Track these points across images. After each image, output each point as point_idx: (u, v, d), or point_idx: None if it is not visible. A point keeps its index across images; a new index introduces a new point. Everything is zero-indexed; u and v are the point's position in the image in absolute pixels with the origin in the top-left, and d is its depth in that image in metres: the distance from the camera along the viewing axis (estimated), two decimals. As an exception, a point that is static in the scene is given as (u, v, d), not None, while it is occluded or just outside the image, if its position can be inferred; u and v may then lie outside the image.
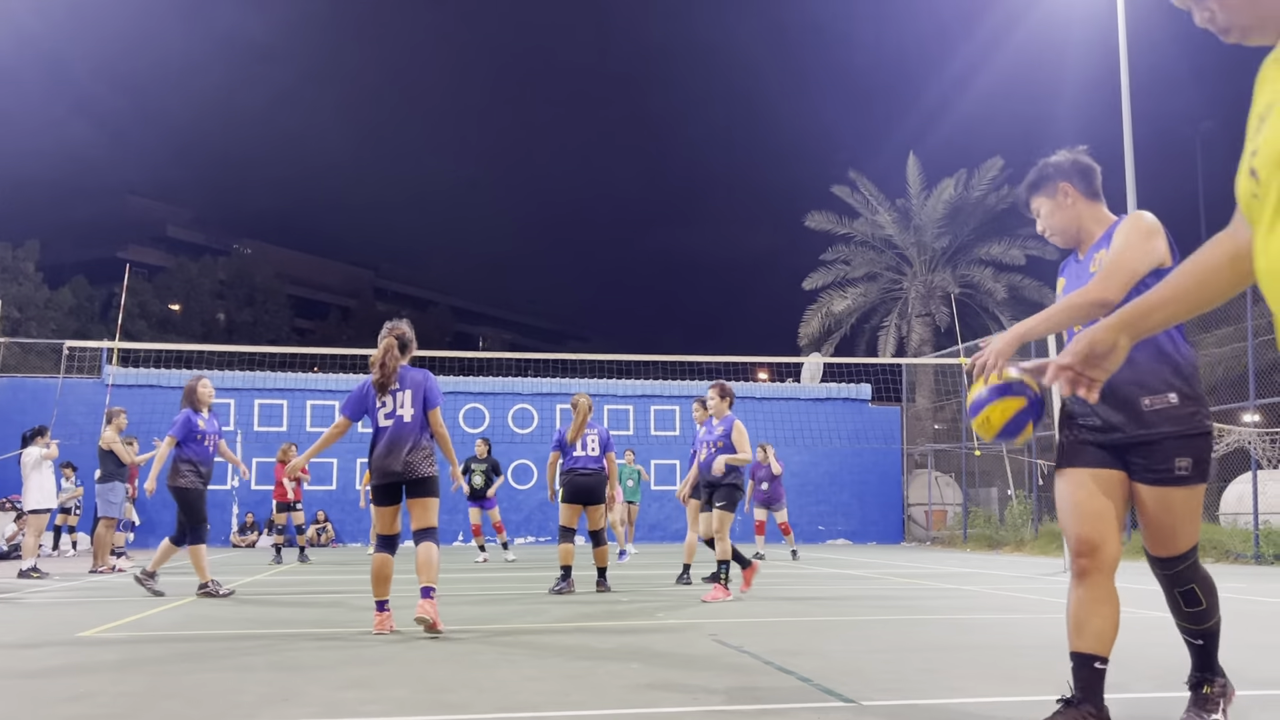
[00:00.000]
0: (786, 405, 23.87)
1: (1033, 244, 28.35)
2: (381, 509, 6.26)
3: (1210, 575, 3.31)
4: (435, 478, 6.25)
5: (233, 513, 21.23)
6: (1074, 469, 3.26)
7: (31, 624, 6.70)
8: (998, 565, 14.51)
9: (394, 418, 6.19)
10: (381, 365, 6.18)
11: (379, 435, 6.24)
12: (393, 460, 6.12)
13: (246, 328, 47.90)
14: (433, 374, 6.43)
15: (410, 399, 6.22)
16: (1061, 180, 3.48)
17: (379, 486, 6.21)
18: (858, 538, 23.77)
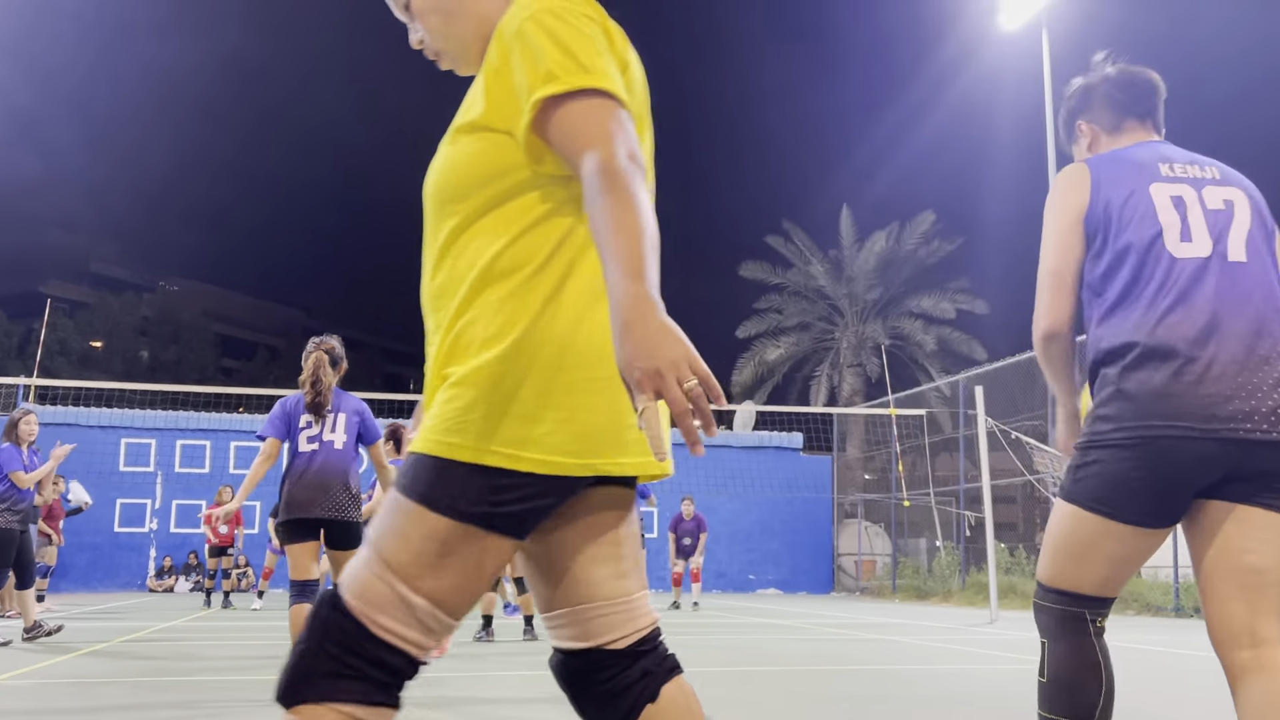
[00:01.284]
0: (718, 453, 23.88)
1: (962, 298, 28.93)
2: (298, 548, 5.43)
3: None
4: (362, 525, 5.53)
5: (150, 556, 20.60)
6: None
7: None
8: (926, 616, 14.58)
9: (319, 442, 5.50)
10: (314, 383, 5.55)
11: (298, 461, 5.50)
12: (317, 494, 5.39)
13: (171, 366, 46.86)
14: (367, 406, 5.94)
15: (344, 425, 5.58)
16: (1077, 119, 2.67)
17: (294, 521, 5.41)
18: (788, 587, 23.76)
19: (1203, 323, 2.17)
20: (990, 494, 13.48)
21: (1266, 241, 2.30)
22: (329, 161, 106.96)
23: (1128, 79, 2.56)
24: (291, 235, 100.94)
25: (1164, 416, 2.13)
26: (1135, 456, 2.16)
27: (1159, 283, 2.21)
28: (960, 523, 20.04)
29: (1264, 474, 2.14)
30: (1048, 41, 19.68)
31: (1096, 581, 2.28)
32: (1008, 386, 20.24)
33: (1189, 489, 2.17)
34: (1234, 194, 2.31)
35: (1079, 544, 2.28)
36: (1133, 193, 2.31)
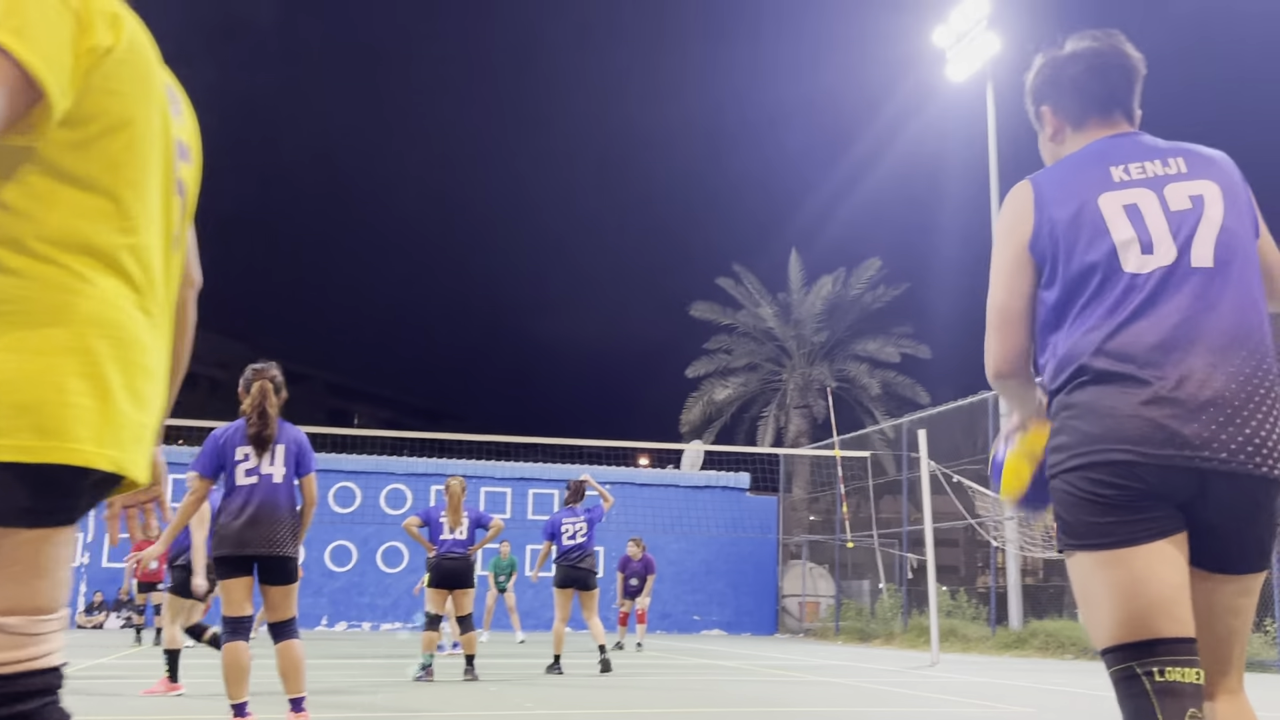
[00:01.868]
0: (666, 492, 23.87)
1: (906, 343, 29.31)
2: (233, 583, 5.21)
3: None
4: (297, 560, 5.33)
5: (79, 592, 20.06)
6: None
7: None
8: (868, 658, 14.61)
9: (258, 475, 5.27)
10: (260, 414, 5.32)
11: (235, 495, 5.26)
12: (256, 529, 5.17)
13: (109, 396, 45.91)
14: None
15: (283, 457, 5.34)
16: (1042, 104, 2.39)
17: (229, 557, 5.19)
18: (732, 628, 23.71)
19: (1160, 338, 1.96)
20: (932, 537, 13.60)
21: (1244, 237, 2.07)
22: (274, 190, 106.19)
23: (1101, 65, 2.28)
24: (236, 265, 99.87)
25: (1116, 440, 1.94)
26: (1078, 477, 1.97)
27: (1113, 302, 2.01)
28: (903, 565, 20.17)
29: (1223, 523, 1.95)
30: (992, 93, 20.16)
31: (1123, 621, 1.93)
32: (950, 431, 20.49)
33: (1160, 504, 1.93)
34: (1202, 187, 2.08)
35: (1086, 590, 2.02)
36: (1080, 208, 2.10)
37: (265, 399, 5.36)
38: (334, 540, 21.45)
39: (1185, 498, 1.93)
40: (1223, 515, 1.95)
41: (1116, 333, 1.99)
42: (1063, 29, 2.38)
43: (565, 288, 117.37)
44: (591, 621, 10.11)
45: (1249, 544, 1.98)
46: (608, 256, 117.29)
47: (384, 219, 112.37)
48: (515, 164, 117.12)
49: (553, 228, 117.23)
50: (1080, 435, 1.99)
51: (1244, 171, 2.21)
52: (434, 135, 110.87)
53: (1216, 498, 1.92)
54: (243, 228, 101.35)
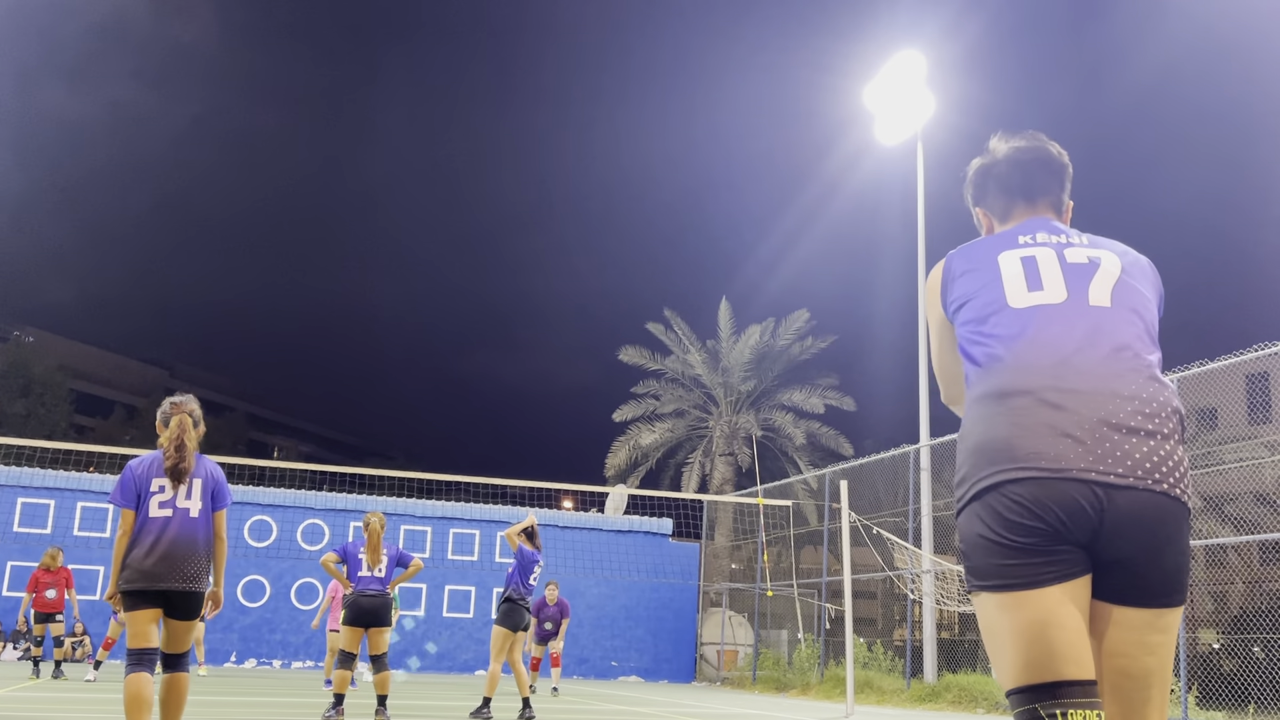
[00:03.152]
0: (589, 535, 23.75)
1: (831, 394, 29.68)
2: (141, 615, 5.14)
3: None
4: (204, 595, 5.30)
5: (-24, 621, 19.28)
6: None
7: None
8: (783, 709, 14.63)
9: (173, 508, 5.22)
10: (179, 447, 5.28)
11: (148, 528, 5.18)
12: (169, 564, 5.11)
13: (18, 420, 44.42)
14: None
15: (199, 490, 5.31)
16: (976, 206, 2.56)
17: (141, 591, 5.12)
18: (650, 675, 23.57)
19: (1050, 361, 2.02)
20: (851, 588, 13.73)
21: (1141, 300, 2.15)
22: (199, 218, 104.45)
23: (1018, 160, 2.41)
24: (156, 292, 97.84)
25: (1003, 461, 1.96)
26: (981, 509, 1.97)
27: (1002, 335, 2.11)
28: (821, 615, 20.29)
29: (1131, 558, 1.93)
30: (922, 154, 20.69)
31: (1023, 665, 1.94)
32: (872, 483, 20.77)
33: (1061, 535, 1.92)
34: (1103, 254, 2.20)
35: (988, 633, 2.02)
36: (979, 266, 2.24)
37: (184, 432, 5.34)
38: (247, 574, 20.93)
39: (1085, 530, 1.92)
40: (1129, 544, 1.93)
41: (1003, 361, 2.08)
42: (995, 92, 2.51)
43: (494, 328, 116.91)
44: (520, 664, 9.95)
45: (1155, 574, 1.96)
46: (537, 298, 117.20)
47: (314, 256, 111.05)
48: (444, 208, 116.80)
49: (482, 270, 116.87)
50: (970, 466, 2.05)
51: (1160, 240, 2.30)
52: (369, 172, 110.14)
53: (1119, 519, 1.91)
54: (163, 253, 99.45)
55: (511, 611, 9.67)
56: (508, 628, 9.63)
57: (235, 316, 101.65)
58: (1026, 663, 1.93)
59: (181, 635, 5.22)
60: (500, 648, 9.64)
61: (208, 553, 5.30)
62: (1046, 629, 1.92)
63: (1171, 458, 1.96)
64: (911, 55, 20.69)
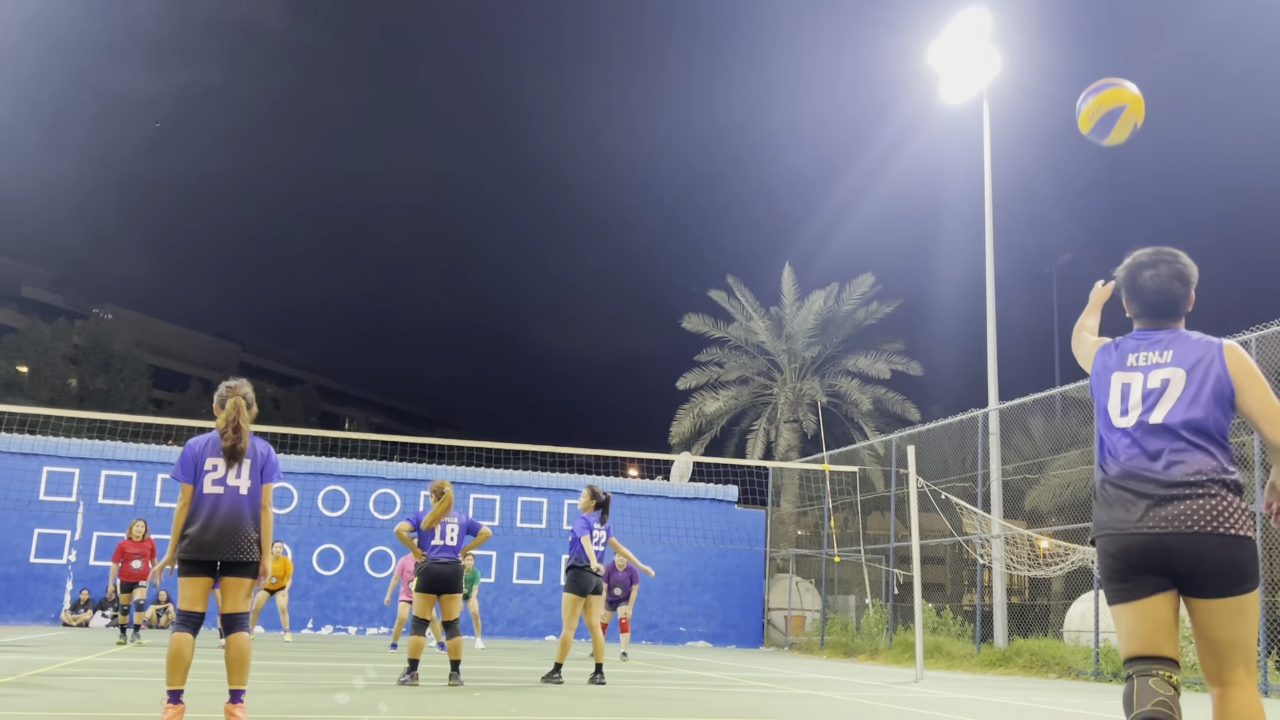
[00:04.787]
0: (654, 503, 23.90)
1: (898, 359, 29.41)
2: (193, 580, 5.54)
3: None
4: (258, 562, 5.63)
5: (66, 589, 20.01)
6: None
7: None
8: (852, 673, 14.65)
9: (224, 485, 5.57)
10: (236, 429, 5.62)
11: (202, 503, 5.55)
12: (220, 537, 5.49)
13: (100, 395, 45.80)
14: (275, 450, 5.92)
15: (249, 469, 5.65)
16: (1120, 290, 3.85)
17: (194, 560, 5.51)
18: (718, 640, 23.72)
19: (1119, 470, 3.42)
20: (919, 553, 13.66)
21: (1209, 399, 3.36)
22: (273, 196, 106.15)
23: (1137, 289, 3.59)
24: (231, 268, 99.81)
25: (1107, 525, 3.38)
26: (1100, 551, 3.40)
27: (1108, 443, 3.51)
28: (889, 581, 20.22)
29: (1192, 571, 3.22)
30: (989, 114, 20.30)
31: (1124, 645, 3.37)
32: (940, 448, 20.58)
33: (1139, 569, 3.29)
34: (1173, 374, 3.43)
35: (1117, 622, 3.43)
36: (1102, 380, 3.60)
37: (239, 414, 5.68)
38: (322, 543, 21.43)
39: (1160, 563, 3.27)
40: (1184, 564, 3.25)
41: (1108, 462, 3.48)
42: (1063, 50, 2.68)
43: (559, 298, 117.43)
44: (599, 629, 10.06)
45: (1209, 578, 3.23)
46: (602, 267, 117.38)
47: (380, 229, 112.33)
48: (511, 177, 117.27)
49: (548, 238, 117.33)
50: (1096, 520, 3.47)
51: (1231, 189, 2.59)
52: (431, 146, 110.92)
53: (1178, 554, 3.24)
54: (236, 236, 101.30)
55: (577, 577, 9.76)
56: (575, 593, 9.72)
57: (306, 291, 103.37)
58: (1125, 644, 3.36)
59: (237, 595, 5.58)
60: (571, 613, 9.74)
61: (256, 526, 5.64)
62: (1141, 627, 3.32)
63: (1204, 508, 3.24)
64: (977, 12, 20.25)
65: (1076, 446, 19.85)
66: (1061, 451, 20.59)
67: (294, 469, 21.60)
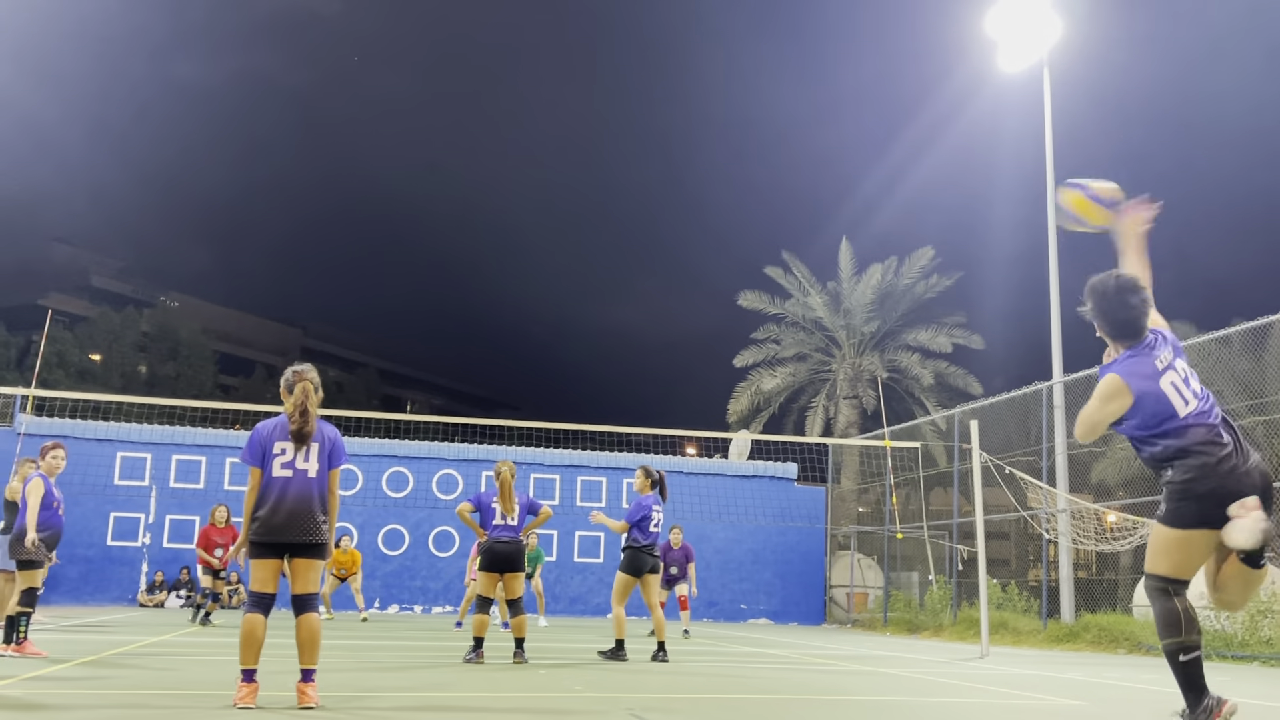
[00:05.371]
0: (713, 481, 23.92)
1: (959, 332, 29.05)
2: (264, 564, 5.63)
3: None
4: (328, 544, 5.75)
5: (141, 570, 20.56)
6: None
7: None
8: (916, 649, 14.57)
9: (293, 469, 5.64)
10: (304, 413, 5.67)
11: (271, 487, 5.63)
12: (290, 519, 5.58)
13: (168, 381, 46.88)
14: (341, 434, 5.98)
15: (316, 453, 5.71)
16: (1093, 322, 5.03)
17: (264, 543, 5.61)
18: (779, 617, 23.72)
19: (1204, 442, 4.60)
20: (983, 529, 13.52)
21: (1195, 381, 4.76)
22: (334, 182, 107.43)
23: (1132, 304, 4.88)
24: (291, 255, 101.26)
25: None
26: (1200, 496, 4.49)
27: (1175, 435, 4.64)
28: (953, 557, 20.05)
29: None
30: (1049, 81, 19.88)
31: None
32: (1003, 422, 20.31)
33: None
34: (1184, 366, 4.74)
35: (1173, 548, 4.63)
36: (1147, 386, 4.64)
37: (306, 399, 5.72)
38: (387, 524, 21.77)
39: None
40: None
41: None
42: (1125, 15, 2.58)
43: (615, 278, 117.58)
44: (659, 608, 10.16)
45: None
46: (657, 246, 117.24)
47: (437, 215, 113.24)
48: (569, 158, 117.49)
49: (604, 219, 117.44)
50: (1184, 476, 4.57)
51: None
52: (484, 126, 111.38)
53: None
54: (301, 220, 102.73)
55: (634, 557, 9.83)
56: (630, 573, 9.82)
57: (365, 276, 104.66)
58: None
59: (307, 576, 5.67)
60: (621, 593, 9.87)
61: (324, 509, 5.72)
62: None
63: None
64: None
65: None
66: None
67: (358, 451, 21.93)
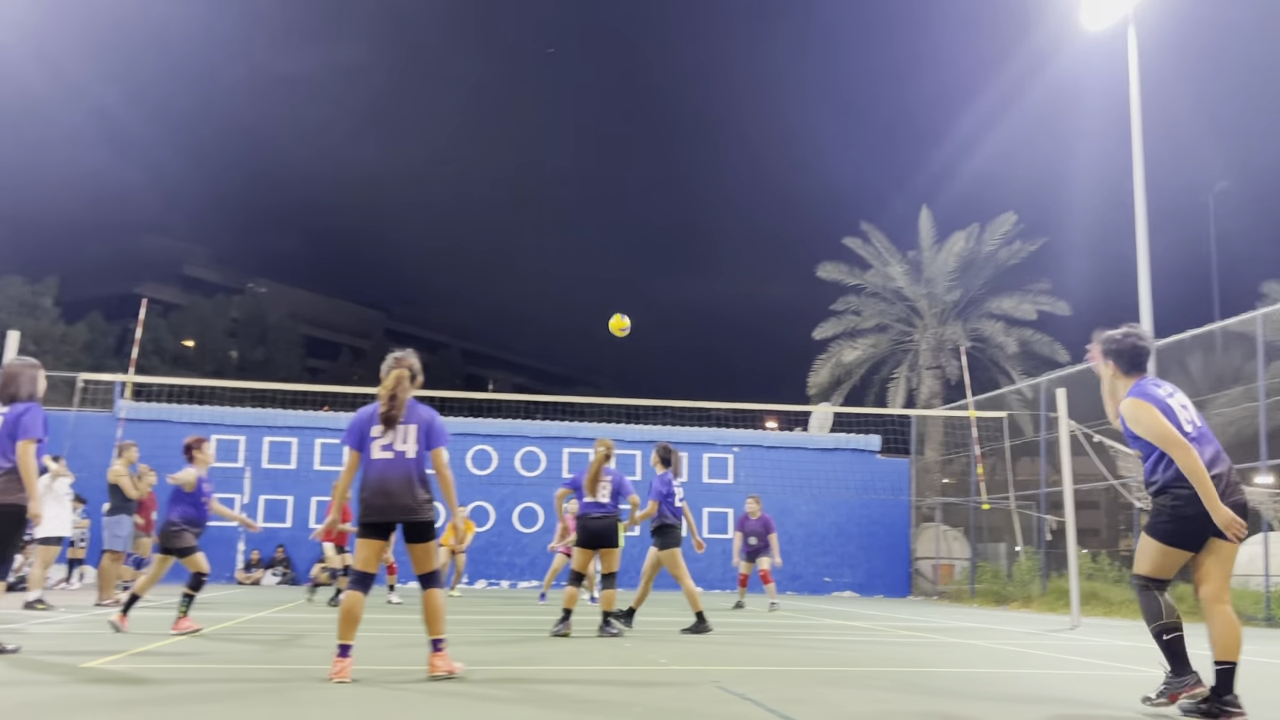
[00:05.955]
0: (794, 454, 23.83)
1: (1044, 299, 28.43)
2: (368, 543, 5.85)
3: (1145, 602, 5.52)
4: (434, 522, 5.94)
5: (238, 549, 21.21)
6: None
7: (35, 656, 6.71)
8: (1005, 621, 14.40)
9: (392, 451, 5.86)
10: (392, 398, 5.89)
11: (370, 469, 5.88)
12: (389, 498, 5.78)
13: (258, 366, 48.10)
14: (438, 414, 6.17)
15: (414, 434, 5.89)
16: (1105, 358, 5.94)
17: (369, 524, 5.85)
18: (864, 590, 23.60)
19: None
20: (1072, 498, 13.28)
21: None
22: (414, 166, 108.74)
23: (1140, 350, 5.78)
24: (373, 238, 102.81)
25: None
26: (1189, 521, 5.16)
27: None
28: (1041, 527, 19.72)
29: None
30: (1135, 39, 19.26)
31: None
32: (1091, 389, 19.79)
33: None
34: (1187, 400, 5.48)
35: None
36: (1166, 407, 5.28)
37: (398, 385, 5.93)
38: (473, 501, 22.12)
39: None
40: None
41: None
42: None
43: (690, 253, 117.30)
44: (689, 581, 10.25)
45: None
46: (734, 220, 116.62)
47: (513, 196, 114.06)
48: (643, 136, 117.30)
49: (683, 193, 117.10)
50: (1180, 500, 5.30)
51: None
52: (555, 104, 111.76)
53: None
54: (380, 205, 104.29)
55: (670, 532, 10.16)
56: (674, 545, 10.14)
57: (445, 258, 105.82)
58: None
59: (421, 557, 5.88)
60: (680, 568, 10.05)
61: (425, 487, 5.89)
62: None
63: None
64: (1119, -70, 19.17)
65: (1240, 383, 18.89)
66: (1223, 389, 19.62)
67: (442, 430, 22.36)
